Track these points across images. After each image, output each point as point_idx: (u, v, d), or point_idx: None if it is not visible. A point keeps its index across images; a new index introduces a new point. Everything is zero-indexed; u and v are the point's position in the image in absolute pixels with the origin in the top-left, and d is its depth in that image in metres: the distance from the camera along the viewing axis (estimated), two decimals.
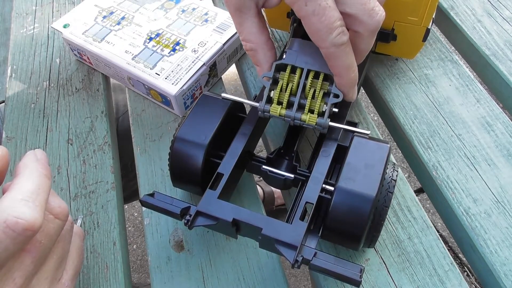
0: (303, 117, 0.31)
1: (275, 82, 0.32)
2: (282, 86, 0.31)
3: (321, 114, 0.31)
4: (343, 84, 0.30)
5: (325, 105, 0.31)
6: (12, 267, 0.24)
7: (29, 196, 0.23)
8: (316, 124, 0.31)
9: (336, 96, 0.30)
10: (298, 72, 0.31)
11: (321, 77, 0.31)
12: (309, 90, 0.31)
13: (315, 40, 0.28)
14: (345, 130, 0.32)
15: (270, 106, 0.31)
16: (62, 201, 0.27)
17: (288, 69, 0.31)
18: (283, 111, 0.31)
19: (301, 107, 0.31)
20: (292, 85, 0.31)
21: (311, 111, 0.31)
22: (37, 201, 0.23)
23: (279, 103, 0.32)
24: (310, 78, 0.31)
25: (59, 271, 0.27)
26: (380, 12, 0.27)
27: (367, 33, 0.28)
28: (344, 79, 0.30)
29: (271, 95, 0.32)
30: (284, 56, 0.32)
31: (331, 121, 0.31)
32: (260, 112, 0.32)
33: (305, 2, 0.26)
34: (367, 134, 0.31)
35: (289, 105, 0.31)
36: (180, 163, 0.32)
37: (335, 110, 0.31)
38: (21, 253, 0.24)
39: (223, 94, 0.34)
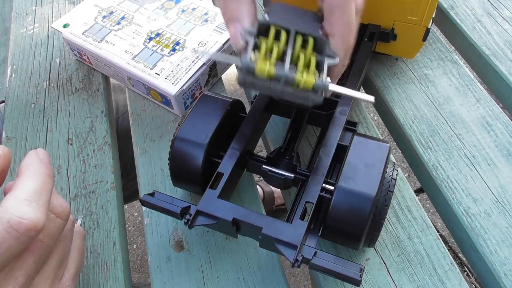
0: (298, 77, 0.25)
1: (255, 48, 0.26)
2: (266, 50, 0.26)
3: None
4: (339, 45, 0.26)
5: (317, 74, 0.26)
6: (14, 266, 0.24)
7: (33, 196, 0.23)
8: (313, 87, 0.25)
9: (331, 58, 0.26)
10: (283, 35, 0.26)
11: (310, 44, 0.26)
12: (298, 56, 0.26)
13: None
14: (348, 96, 0.27)
15: (256, 64, 0.25)
16: (64, 200, 0.27)
17: (272, 31, 0.26)
18: (272, 69, 0.25)
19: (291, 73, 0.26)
20: (278, 50, 0.26)
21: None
22: (40, 201, 0.23)
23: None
24: (298, 44, 0.26)
25: (61, 270, 0.28)
26: None
27: None
28: (343, 39, 0.26)
29: (252, 57, 0.25)
30: (266, 18, 0.27)
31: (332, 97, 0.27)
32: (240, 75, 0.25)
33: None
34: (372, 101, 0.27)
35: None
36: (180, 162, 0.32)
37: (329, 80, 0.26)
38: (23, 252, 0.24)
39: (194, 49, 0.28)
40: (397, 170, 0.31)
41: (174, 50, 0.43)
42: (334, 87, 0.26)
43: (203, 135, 0.32)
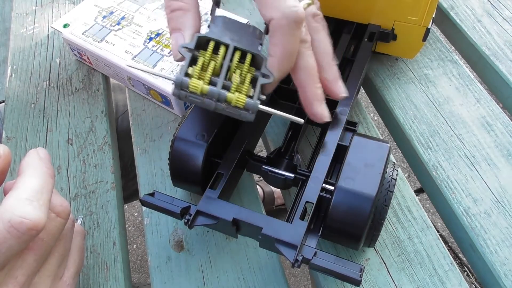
0: (230, 96, 0.26)
1: (193, 61, 0.27)
2: (203, 64, 0.26)
3: (249, 98, 0.27)
4: (275, 67, 0.27)
5: (252, 90, 0.27)
6: (15, 265, 0.24)
7: (34, 196, 0.23)
8: (244, 107, 0.26)
9: (266, 76, 0.27)
10: (222, 50, 0.27)
11: (247, 60, 0.27)
12: (234, 72, 0.27)
13: (266, 8, 0.25)
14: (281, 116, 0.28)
15: (190, 80, 0.26)
16: (64, 199, 0.27)
17: (211, 46, 0.27)
18: (206, 88, 0.26)
19: (225, 88, 0.26)
20: (215, 65, 0.27)
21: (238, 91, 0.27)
22: (41, 200, 0.23)
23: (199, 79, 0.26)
24: (236, 59, 0.27)
25: (61, 269, 0.28)
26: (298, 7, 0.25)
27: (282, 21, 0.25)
28: (280, 62, 0.27)
29: (189, 71, 0.26)
30: (207, 31, 0.27)
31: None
32: (175, 89, 0.26)
33: None
34: (301, 123, 0.29)
35: (212, 83, 0.26)
36: (180, 162, 0.32)
37: (263, 97, 0.27)
38: (24, 251, 0.24)
39: (127, 64, 0.28)
40: (397, 170, 0.31)
41: None
42: (264, 108, 0.27)
43: (203, 135, 0.32)
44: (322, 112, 0.30)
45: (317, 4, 0.30)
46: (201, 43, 0.27)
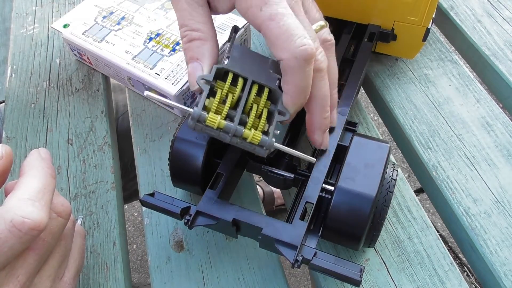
0: (246, 132, 0.26)
1: (211, 92, 0.27)
2: (221, 96, 0.27)
3: (264, 133, 0.27)
4: (289, 104, 0.27)
5: (267, 125, 0.27)
6: (16, 265, 0.24)
7: (35, 196, 0.23)
8: (259, 144, 0.26)
9: (283, 114, 0.27)
10: (240, 83, 0.27)
11: (265, 94, 0.27)
12: (251, 106, 0.27)
13: (275, 50, 0.25)
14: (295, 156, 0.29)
15: (207, 115, 0.26)
16: (65, 199, 0.27)
17: (230, 77, 0.27)
18: (223, 123, 0.26)
19: (242, 123, 0.26)
20: (233, 97, 0.27)
21: (254, 127, 0.27)
22: (43, 200, 0.23)
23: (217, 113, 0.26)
24: (253, 93, 0.27)
25: (61, 269, 0.28)
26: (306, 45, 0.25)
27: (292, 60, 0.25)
28: (293, 99, 0.27)
29: (206, 103, 0.26)
30: (225, 62, 0.27)
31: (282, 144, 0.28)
32: (191, 121, 0.26)
33: (259, 8, 0.24)
34: (313, 162, 0.29)
35: (228, 118, 0.27)
36: (180, 162, 0.32)
37: (277, 132, 0.27)
38: (25, 251, 0.24)
39: (146, 92, 0.28)
40: (397, 170, 0.31)
41: (174, 50, 0.43)
42: (279, 146, 0.27)
43: (203, 135, 0.32)
44: (322, 142, 0.30)
45: (328, 28, 0.30)
46: (220, 73, 0.27)
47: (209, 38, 0.28)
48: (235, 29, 0.30)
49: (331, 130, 0.33)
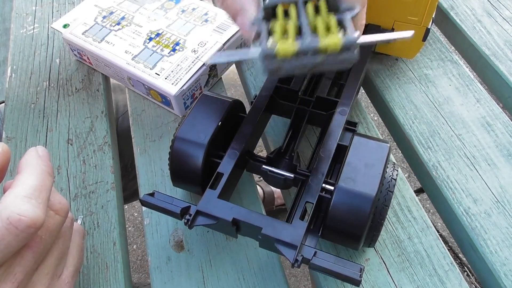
0: (322, 41, 0.23)
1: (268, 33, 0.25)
2: (281, 28, 0.24)
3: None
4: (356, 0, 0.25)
5: (341, 32, 0.24)
6: (13, 263, 0.24)
7: (32, 193, 0.23)
8: (343, 45, 0.23)
9: (351, 9, 0.24)
10: (293, 11, 0.25)
11: (322, 7, 0.25)
12: (315, 25, 0.24)
13: None
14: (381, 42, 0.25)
15: (277, 46, 0.23)
16: (62, 197, 0.27)
17: (280, 11, 0.25)
18: (294, 46, 0.23)
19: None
20: (294, 26, 0.24)
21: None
22: (40, 198, 0.23)
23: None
24: (311, 12, 0.25)
25: (60, 268, 0.28)
26: None
27: None
28: None
29: (269, 44, 0.24)
30: (266, 1, 0.25)
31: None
32: (266, 62, 0.23)
33: None
34: (410, 36, 0.25)
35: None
36: (180, 162, 0.32)
37: (355, 35, 0.23)
38: (22, 248, 0.24)
39: (210, 61, 0.26)
40: (397, 170, 0.31)
41: (174, 50, 0.43)
42: (364, 38, 0.24)
43: (203, 135, 0.32)
44: (363, 19, 0.27)
45: None
46: (268, 14, 0.25)
47: None
48: None
49: (331, 130, 0.33)
